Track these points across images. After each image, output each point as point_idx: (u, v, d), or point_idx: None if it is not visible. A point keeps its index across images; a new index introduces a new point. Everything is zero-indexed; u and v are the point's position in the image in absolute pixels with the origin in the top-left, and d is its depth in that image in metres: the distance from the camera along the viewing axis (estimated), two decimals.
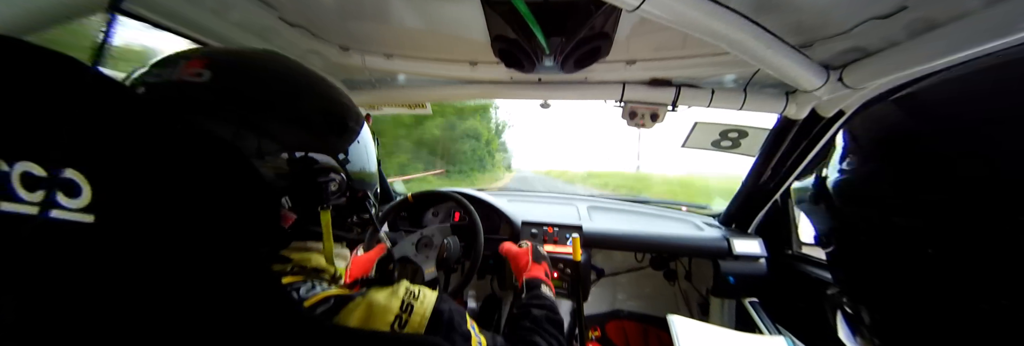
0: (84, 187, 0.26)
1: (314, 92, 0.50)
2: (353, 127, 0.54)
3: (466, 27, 0.93)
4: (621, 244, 1.48)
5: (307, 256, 0.50)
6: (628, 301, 2.00)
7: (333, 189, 0.50)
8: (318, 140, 0.49)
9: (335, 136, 0.51)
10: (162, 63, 0.43)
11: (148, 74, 0.42)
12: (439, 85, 1.31)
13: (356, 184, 0.54)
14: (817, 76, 0.84)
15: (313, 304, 0.42)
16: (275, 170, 0.45)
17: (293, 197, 0.47)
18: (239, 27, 0.87)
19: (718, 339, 1.01)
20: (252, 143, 0.43)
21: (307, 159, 0.47)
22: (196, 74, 0.41)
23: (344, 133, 0.53)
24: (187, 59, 0.43)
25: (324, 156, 0.49)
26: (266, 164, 0.44)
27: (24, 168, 0.26)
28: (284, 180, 0.46)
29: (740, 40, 0.71)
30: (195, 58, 0.43)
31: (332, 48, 1.08)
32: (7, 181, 0.26)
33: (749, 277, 1.36)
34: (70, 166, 0.26)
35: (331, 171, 0.50)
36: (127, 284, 0.27)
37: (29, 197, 0.26)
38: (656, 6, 0.60)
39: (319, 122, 0.49)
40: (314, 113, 0.49)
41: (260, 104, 0.44)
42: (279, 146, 0.45)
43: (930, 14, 0.66)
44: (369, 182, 0.57)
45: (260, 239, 0.40)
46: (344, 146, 0.52)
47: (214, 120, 0.41)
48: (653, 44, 0.98)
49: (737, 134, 1.19)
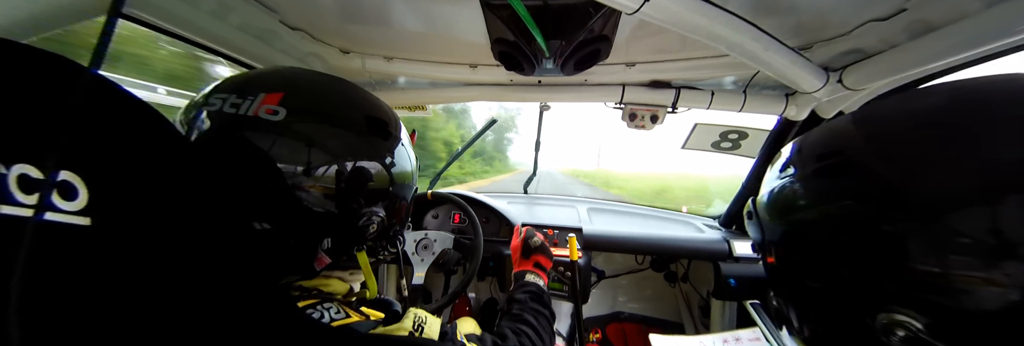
0: (81, 190, 0.26)
1: (365, 106, 0.52)
2: (395, 132, 0.55)
3: (466, 30, 0.93)
4: (621, 246, 1.48)
5: (326, 282, 0.51)
6: (629, 303, 1.99)
7: (372, 230, 0.51)
8: (366, 145, 0.49)
9: (380, 140, 0.52)
10: (240, 91, 0.43)
11: (223, 102, 0.43)
12: (439, 87, 1.31)
13: (397, 189, 0.54)
14: (817, 78, 0.84)
15: None
16: (324, 190, 0.45)
17: (334, 239, 0.48)
18: (240, 30, 0.87)
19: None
20: (292, 153, 0.43)
21: (357, 170, 0.47)
22: (272, 112, 0.42)
23: (388, 138, 0.53)
24: (265, 91, 0.43)
25: (372, 163, 0.49)
26: (314, 183, 0.44)
27: (21, 170, 0.26)
28: (327, 222, 0.46)
29: (740, 42, 0.71)
30: (272, 92, 0.43)
31: (332, 51, 1.08)
32: (3, 184, 0.26)
33: (750, 279, 1.35)
34: (67, 169, 0.26)
35: (372, 214, 0.50)
36: (123, 288, 0.27)
37: (25, 199, 0.26)
38: (656, 9, 0.60)
39: (364, 130, 0.50)
40: (359, 122, 0.50)
41: (322, 131, 0.45)
42: (330, 157, 0.45)
43: (929, 16, 0.66)
44: (409, 184, 0.58)
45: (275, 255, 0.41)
46: (390, 149, 0.52)
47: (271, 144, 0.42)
48: (653, 46, 0.98)
49: (737, 135, 1.19)
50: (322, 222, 0.46)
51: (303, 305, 0.45)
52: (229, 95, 0.43)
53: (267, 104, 0.42)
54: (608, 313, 1.96)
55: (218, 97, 0.43)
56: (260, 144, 0.41)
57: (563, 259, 1.33)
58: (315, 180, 0.44)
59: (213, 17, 0.81)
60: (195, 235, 0.29)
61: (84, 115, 0.27)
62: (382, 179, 0.51)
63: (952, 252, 0.28)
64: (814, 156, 0.41)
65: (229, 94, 0.43)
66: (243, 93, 0.43)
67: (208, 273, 0.30)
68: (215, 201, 0.31)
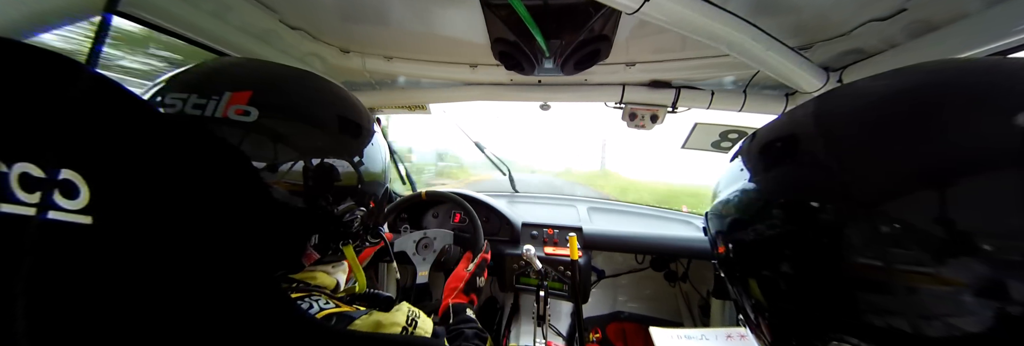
0: (82, 188, 0.26)
1: (336, 103, 0.50)
2: (366, 126, 0.54)
3: (466, 30, 0.93)
4: (621, 245, 1.48)
5: (312, 275, 0.51)
6: (629, 303, 1.99)
7: (357, 225, 0.51)
8: (336, 145, 0.48)
9: (350, 139, 0.51)
10: (202, 90, 0.40)
11: (182, 102, 0.39)
12: (439, 87, 1.31)
13: (367, 187, 0.53)
14: (817, 77, 0.84)
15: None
16: (289, 187, 0.43)
17: (321, 235, 0.48)
18: (239, 30, 0.87)
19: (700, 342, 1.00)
20: (268, 152, 0.41)
21: (323, 166, 0.46)
22: (242, 112, 0.39)
23: (358, 137, 0.52)
24: (231, 89, 0.40)
25: (341, 161, 0.48)
26: (281, 180, 0.42)
27: (22, 169, 0.26)
28: (310, 218, 0.46)
29: (740, 42, 0.71)
30: (239, 89, 0.40)
31: (332, 50, 1.08)
32: (5, 182, 0.26)
33: None
34: (68, 167, 0.26)
35: (355, 209, 0.49)
36: (125, 286, 0.27)
37: (27, 198, 0.26)
38: (656, 9, 0.60)
39: (335, 128, 0.49)
40: (331, 120, 0.49)
41: (295, 128, 0.44)
42: (297, 153, 0.43)
43: (929, 16, 0.66)
44: (380, 182, 0.57)
45: (267, 252, 0.41)
46: (360, 149, 0.51)
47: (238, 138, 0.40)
48: (653, 46, 0.98)
49: (737, 135, 1.19)
50: (308, 219, 0.46)
51: (294, 297, 0.45)
52: (188, 95, 0.39)
53: (236, 104, 0.39)
54: (608, 313, 1.96)
55: (175, 97, 0.39)
56: (233, 140, 0.39)
57: (564, 259, 1.33)
58: (293, 177, 0.43)
59: (213, 16, 0.81)
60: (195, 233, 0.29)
61: (84, 113, 0.27)
62: (365, 174, 0.51)
63: (894, 245, 0.25)
64: (762, 142, 0.40)
65: (188, 94, 0.39)
66: (205, 92, 0.39)
67: (207, 270, 0.30)
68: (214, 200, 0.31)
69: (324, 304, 0.45)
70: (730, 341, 1.02)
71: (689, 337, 1.03)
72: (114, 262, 0.27)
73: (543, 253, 1.36)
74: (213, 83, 0.41)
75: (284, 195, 0.43)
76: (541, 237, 1.47)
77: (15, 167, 0.26)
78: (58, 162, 0.26)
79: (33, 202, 0.26)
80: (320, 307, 0.44)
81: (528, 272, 1.34)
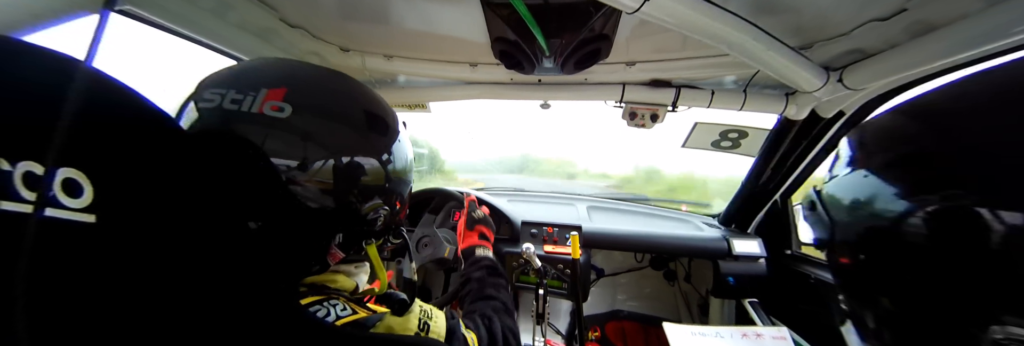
0: (86, 187, 0.26)
1: (365, 101, 0.51)
2: (393, 126, 0.55)
3: (466, 29, 0.93)
4: (621, 244, 1.48)
5: (332, 277, 0.51)
6: (628, 301, 2.00)
7: (380, 224, 0.51)
8: (365, 142, 0.49)
9: (379, 137, 0.51)
10: (239, 86, 0.42)
11: (221, 97, 0.41)
12: (439, 86, 1.31)
13: (394, 185, 0.54)
14: (817, 77, 0.84)
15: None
16: (318, 184, 0.44)
17: (346, 234, 0.49)
18: (239, 28, 0.87)
19: (714, 340, 1.01)
20: (298, 149, 0.42)
21: (352, 164, 0.47)
22: (277, 109, 0.41)
23: (386, 135, 0.52)
24: (267, 86, 0.42)
25: (369, 159, 0.49)
26: (310, 178, 0.43)
27: (26, 168, 0.26)
28: (336, 217, 0.47)
29: (740, 42, 0.71)
30: (274, 87, 0.42)
31: (332, 49, 1.08)
32: (9, 180, 0.26)
33: (749, 277, 1.36)
34: (71, 166, 0.26)
35: (380, 207, 0.50)
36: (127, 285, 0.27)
37: (31, 196, 0.26)
38: (656, 8, 0.60)
39: (364, 126, 0.50)
40: (360, 118, 0.49)
41: (326, 125, 0.45)
42: (327, 151, 0.44)
43: (930, 16, 0.66)
44: (406, 181, 0.58)
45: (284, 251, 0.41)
46: (388, 147, 0.52)
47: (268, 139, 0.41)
48: (653, 46, 0.98)
49: (737, 134, 1.19)
50: (333, 217, 0.46)
51: (309, 302, 0.45)
52: (227, 90, 0.41)
53: (272, 100, 0.41)
54: (607, 311, 1.97)
55: (215, 92, 0.42)
56: (265, 140, 0.41)
57: (564, 257, 1.33)
58: (323, 176, 0.44)
59: (212, 15, 0.81)
60: (199, 233, 0.29)
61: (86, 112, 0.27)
62: (392, 172, 0.52)
63: None
64: (883, 147, 0.37)
65: (226, 89, 0.42)
66: (242, 88, 0.42)
67: (211, 271, 0.30)
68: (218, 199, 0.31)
69: (341, 311, 0.45)
70: (746, 339, 1.02)
71: (703, 334, 1.03)
72: (116, 261, 0.27)
73: (543, 252, 1.36)
74: (250, 80, 0.43)
75: (312, 192, 0.43)
76: (541, 235, 1.47)
77: (19, 166, 0.26)
78: (61, 161, 0.26)
79: (36, 200, 0.26)
80: (337, 315, 0.44)
81: (527, 270, 1.35)
